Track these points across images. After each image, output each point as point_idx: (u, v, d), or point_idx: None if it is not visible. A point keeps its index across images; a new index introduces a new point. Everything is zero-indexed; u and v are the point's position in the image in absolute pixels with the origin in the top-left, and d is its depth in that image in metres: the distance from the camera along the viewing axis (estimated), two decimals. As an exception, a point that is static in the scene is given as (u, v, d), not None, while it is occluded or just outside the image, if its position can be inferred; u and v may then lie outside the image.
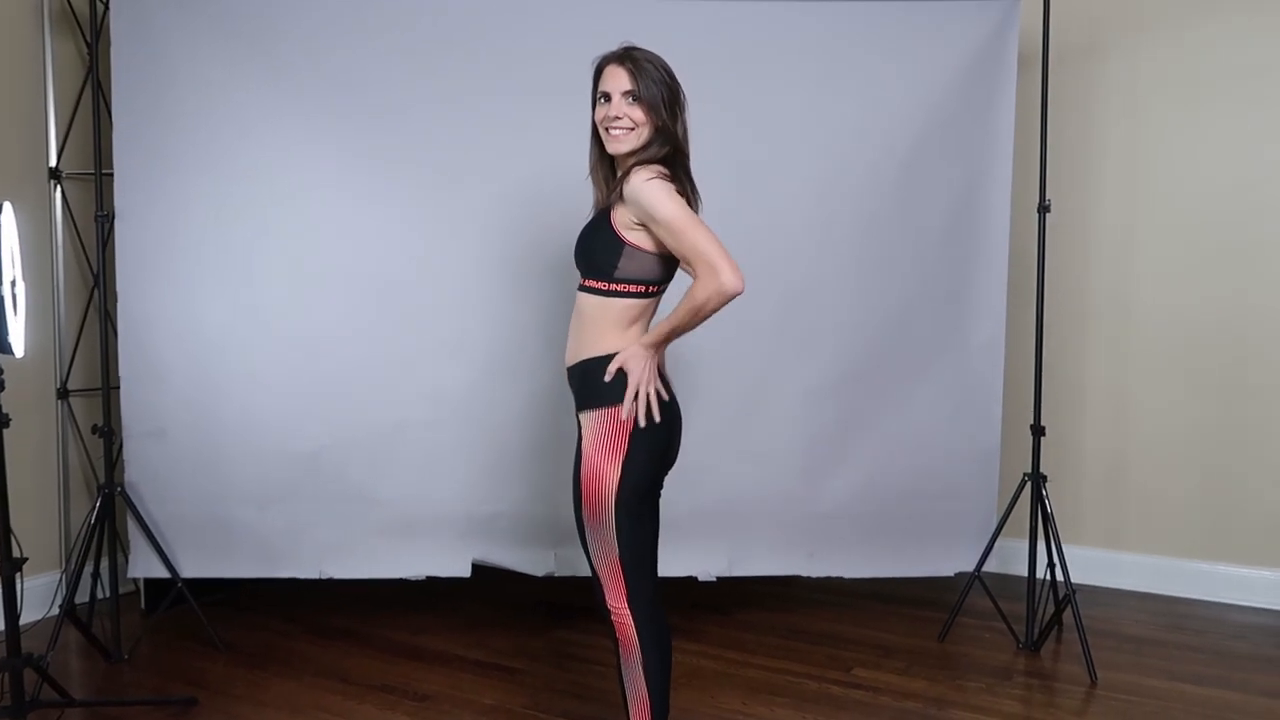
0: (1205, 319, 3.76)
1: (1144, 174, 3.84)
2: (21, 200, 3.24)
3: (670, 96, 2.11)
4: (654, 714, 2.14)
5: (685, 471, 2.38)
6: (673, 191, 2.03)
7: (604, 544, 2.10)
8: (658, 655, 2.13)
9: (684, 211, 2.01)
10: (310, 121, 3.28)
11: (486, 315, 3.34)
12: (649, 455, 2.08)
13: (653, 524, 2.15)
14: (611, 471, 2.05)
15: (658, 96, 2.08)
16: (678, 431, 2.17)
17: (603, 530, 2.09)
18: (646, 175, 2.04)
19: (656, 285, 2.11)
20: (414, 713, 2.83)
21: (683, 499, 2.42)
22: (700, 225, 1.99)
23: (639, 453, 2.06)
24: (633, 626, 2.11)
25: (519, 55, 3.27)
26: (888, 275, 3.46)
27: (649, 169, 2.06)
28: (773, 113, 3.36)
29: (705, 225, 2.00)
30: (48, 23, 3.54)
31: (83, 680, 3.06)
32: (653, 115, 2.08)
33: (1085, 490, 3.97)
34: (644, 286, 2.09)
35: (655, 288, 2.11)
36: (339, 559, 3.37)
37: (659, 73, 2.10)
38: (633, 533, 2.08)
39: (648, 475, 2.09)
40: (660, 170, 2.07)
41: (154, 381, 3.30)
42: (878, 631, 3.46)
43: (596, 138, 2.16)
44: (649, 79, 2.09)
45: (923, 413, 3.51)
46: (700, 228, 1.99)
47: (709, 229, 1.99)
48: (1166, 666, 3.17)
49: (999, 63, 3.41)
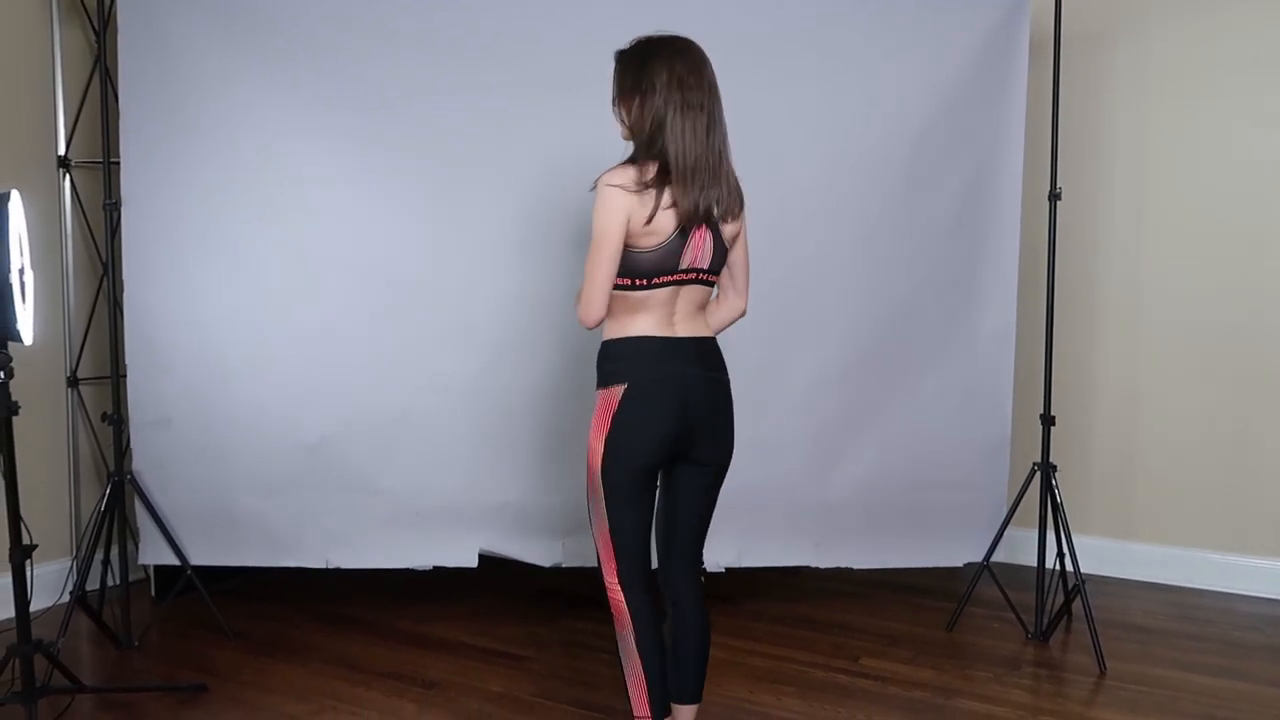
0: (1216, 307, 3.73)
1: (1155, 161, 3.81)
2: (30, 188, 3.25)
3: (632, 83, 2.10)
4: (650, 691, 2.18)
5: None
6: (606, 204, 2.04)
7: (596, 517, 2.19)
8: (652, 632, 2.18)
9: (598, 230, 2.04)
10: (317, 110, 3.27)
11: (493, 303, 3.33)
12: (630, 435, 2.11)
13: (643, 510, 2.17)
14: (597, 447, 2.14)
15: (622, 88, 2.11)
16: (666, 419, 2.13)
17: (594, 503, 2.18)
18: (602, 181, 2.06)
19: (643, 279, 2.10)
20: (421, 699, 2.84)
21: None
22: (595, 251, 2.04)
23: (620, 432, 2.11)
24: (624, 602, 2.18)
25: (525, 45, 3.25)
26: (897, 264, 3.44)
27: (608, 173, 2.06)
28: (782, 101, 3.33)
29: (601, 252, 2.04)
30: (56, 12, 3.54)
31: (93, 666, 3.08)
32: (623, 113, 2.12)
33: (1095, 480, 3.95)
34: (628, 280, 2.10)
35: (641, 280, 2.10)
36: (345, 548, 3.37)
37: (627, 63, 2.12)
38: (621, 514, 2.15)
39: (633, 455, 2.12)
40: (610, 179, 2.05)
41: (160, 370, 3.31)
42: (885, 621, 3.46)
43: None
44: (617, 75, 2.12)
45: (932, 402, 3.50)
46: (593, 254, 2.04)
47: (600, 258, 2.04)
48: (1176, 657, 3.16)
49: (1010, 50, 3.39)
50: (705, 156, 2.07)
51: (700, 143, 2.07)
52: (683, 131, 2.06)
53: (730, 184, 2.15)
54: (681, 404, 2.14)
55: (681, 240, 2.09)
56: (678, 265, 2.11)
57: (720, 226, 2.15)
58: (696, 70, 2.10)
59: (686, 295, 2.16)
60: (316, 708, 2.78)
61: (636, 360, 2.13)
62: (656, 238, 2.07)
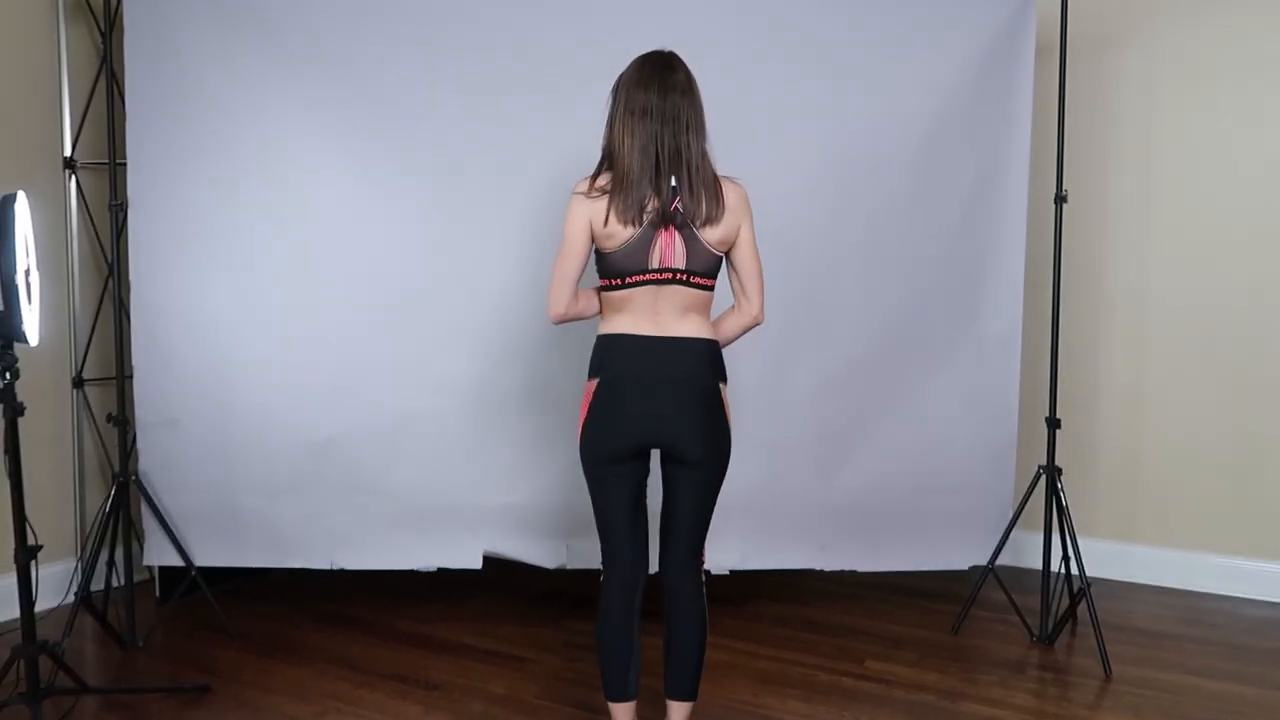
0: (1222, 310, 3.72)
1: (1161, 165, 3.80)
2: (36, 190, 3.25)
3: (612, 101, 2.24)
4: (605, 678, 2.31)
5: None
6: (569, 209, 2.21)
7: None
8: (611, 619, 2.31)
9: (563, 233, 2.22)
10: (323, 112, 3.27)
11: (499, 305, 3.33)
12: (596, 426, 2.26)
13: (615, 495, 2.28)
14: (579, 435, 2.31)
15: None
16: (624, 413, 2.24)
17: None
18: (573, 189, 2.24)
19: (618, 278, 2.23)
20: (425, 701, 2.84)
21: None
22: (559, 252, 2.23)
23: (590, 421, 2.28)
24: (601, 586, 2.33)
25: (530, 46, 3.25)
26: (903, 266, 3.44)
27: (578, 181, 2.23)
28: (787, 104, 3.33)
29: (562, 252, 2.23)
30: (62, 13, 3.55)
31: (97, 667, 3.08)
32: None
33: (1100, 483, 3.94)
34: (608, 280, 2.26)
35: (618, 280, 2.23)
36: (350, 549, 3.37)
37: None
38: (598, 498, 2.31)
39: (596, 441, 2.26)
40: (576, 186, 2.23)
41: (166, 371, 3.31)
42: (890, 624, 3.45)
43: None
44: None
45: (938, 405, 3.49)
46: (559, 254, 2.23)
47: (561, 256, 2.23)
48: (1181, 660, 3.15)
49: (1016, 52, 3.38)
50: (648, 159, 2.15)
51: (639, 147, 2.15)
52: (624, 135, 2.17)
53: (706, 187, 2.19)
54: (639, 400, 2.22)
55: (644, 241, 2.18)
56: (647, 265, 2.20)
57: (697, 229, 2.20)
58: (652, 75, 2.17)
59: (670, 296, 2.23)
60: (319, 709, 2.78)
61: (609, 355, 2.26)
62: (616, 240, 2.19)
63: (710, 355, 2.28)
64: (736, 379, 3.34)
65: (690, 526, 2.31)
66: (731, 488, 3.33)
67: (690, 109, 2.17)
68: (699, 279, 2.24)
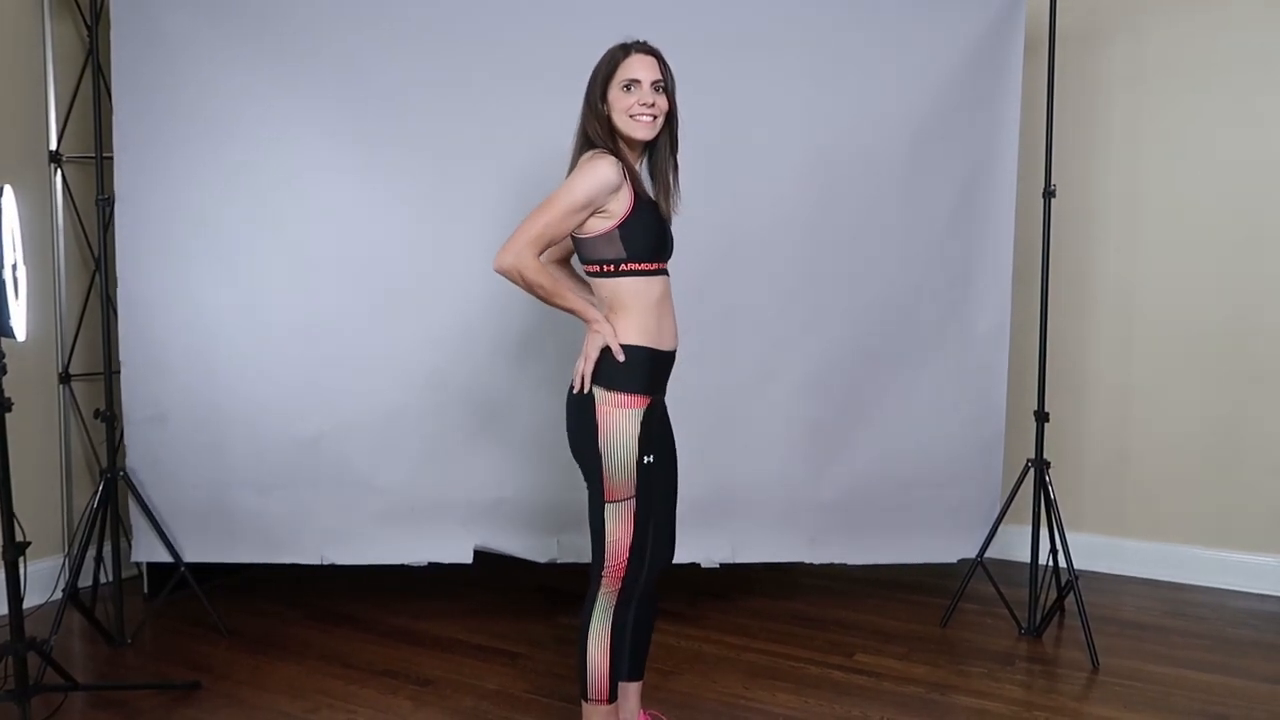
0: (1209, 304, 3.75)
1: (1149, 159, 3.81)
2: (22, 184, 3.23)
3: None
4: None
5: (687, 458, 2.41)
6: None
7: None
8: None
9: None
10: (312, 106, 3.26)
11: (489, 299, 3.32)
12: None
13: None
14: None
15: (674, 91, 2.19)
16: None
17: None
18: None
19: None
20: (415, 697, 2.84)
21: (685, 486, 2.42)
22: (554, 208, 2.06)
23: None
24: None
25: (521, 40, 3.25)
26: (891, 261, 3.44)
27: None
28: (775, 99, 3.33)
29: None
30: (47, 6, 3.52)
31: (86, 664, 3.07)
32: (670, 107, 2.18)
33: (1088, 476, 3.96)
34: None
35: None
36: (340, 545, 3.37)
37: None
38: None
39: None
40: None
41: (155, 366, 3.30)
42: (880, 617, 3.46)
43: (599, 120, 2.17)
44: (670, 73, 2.18)
45: (926, 399, 3.50)
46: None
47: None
48: (1168, 652, 3.17)
49: (1005, 47, 3.39)
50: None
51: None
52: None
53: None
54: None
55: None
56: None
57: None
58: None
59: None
60: (311, 705, 2.78)
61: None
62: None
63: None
64: (723, 372, 3.37)
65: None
66: (721, 482, 3.38)
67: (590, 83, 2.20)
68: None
